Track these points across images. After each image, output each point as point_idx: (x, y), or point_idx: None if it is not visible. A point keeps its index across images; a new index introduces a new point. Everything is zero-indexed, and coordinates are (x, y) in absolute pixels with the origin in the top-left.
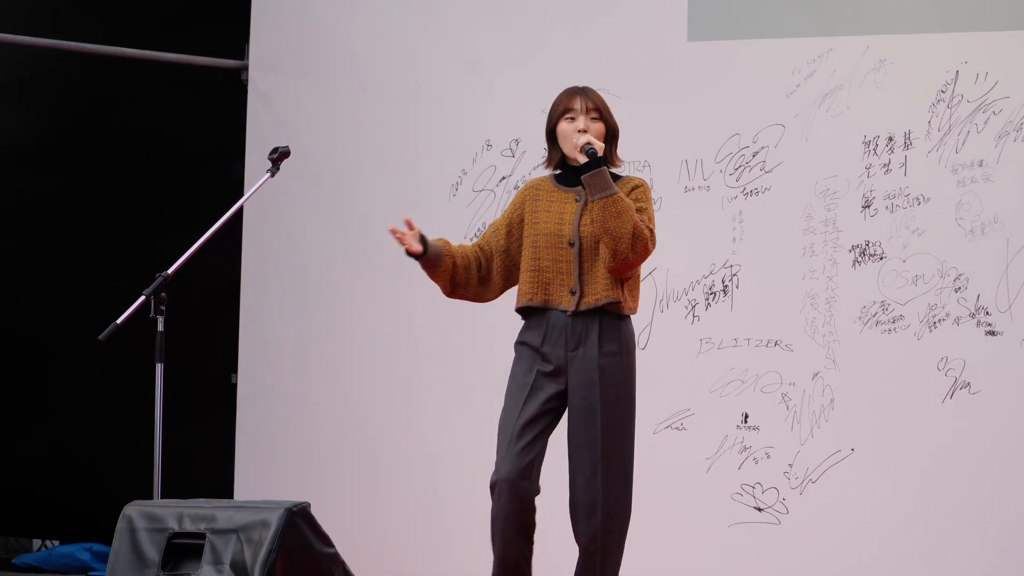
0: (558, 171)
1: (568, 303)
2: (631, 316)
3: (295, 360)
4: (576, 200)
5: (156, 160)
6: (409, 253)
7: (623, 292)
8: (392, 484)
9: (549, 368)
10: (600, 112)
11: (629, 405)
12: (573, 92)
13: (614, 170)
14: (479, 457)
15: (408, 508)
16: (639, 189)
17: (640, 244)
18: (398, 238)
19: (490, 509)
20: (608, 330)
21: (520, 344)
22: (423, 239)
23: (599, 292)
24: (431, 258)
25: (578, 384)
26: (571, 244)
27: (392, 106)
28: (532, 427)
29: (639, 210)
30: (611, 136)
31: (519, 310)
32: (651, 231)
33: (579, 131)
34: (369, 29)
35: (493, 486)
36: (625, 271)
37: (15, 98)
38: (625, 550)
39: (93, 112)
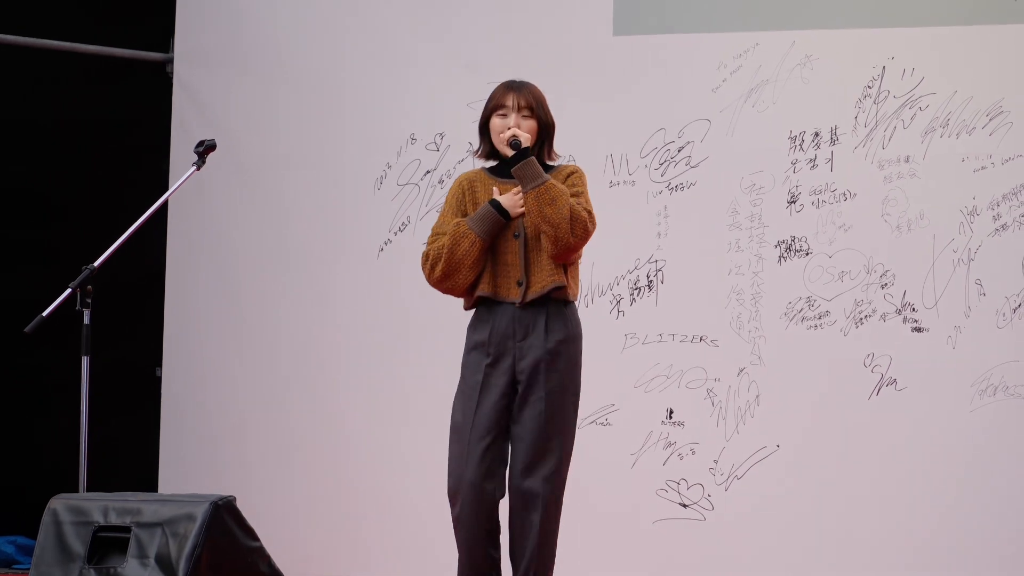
0: (492, 163)
1: (516, 294)
2: (575, 303)
3: (220, 353)
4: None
5: (81, 152)
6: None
7: (567, 278)
8: (317, 478)
9: (495, 360)
10: (532, 109)
11: (573, 393)
12: (508, 88)
13: (549, 163)
14: (404, 450)
15: (333, 502)
16: (574, 175)
17: (579, 227)
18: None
19: (451, 515)
20: (555, 317)
21: (468, 342)
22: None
23: (544, 280)
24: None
25: (526, 374)
26: (516, 236)
27: (317, 99)
28: (491, 427)
29: (576, 194)
30: (544, 131)
31: (474, 300)
32: (589, 212)
33: (508, 128)
34: (295, 22)
35: (453, 493)
36: (568, 255)
37: None
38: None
39: (16, 103)
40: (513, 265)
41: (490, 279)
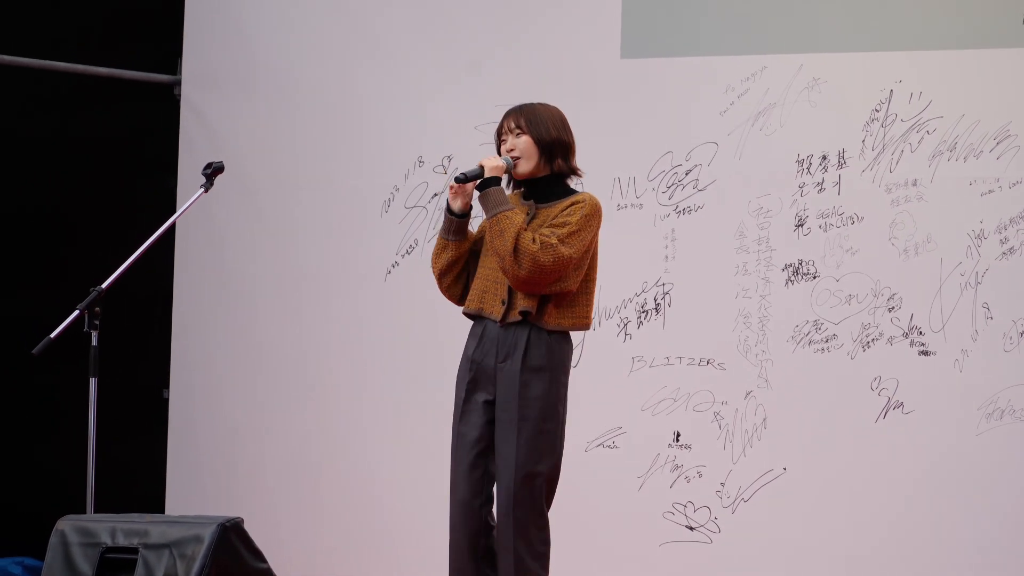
0: (520, 188)
1: (497, 313)
2: (568, 333)
3: (227, 374)
4: (528, 213)
5: (89, 174)
6: (450, 210)
7: (545, 306)
8: (325, 499)
9: (475, 377)
10: (523, 127)
11: (552, 424)
12: (506, 114)
13: (572, 183)
14: (414, 471)
15: (342, 524)
16: (574, 206)
17: (526, 260)
18: (454, 192)
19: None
20: (535, 344)
21: (463, 352)
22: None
23: (520, 303)
24: (464, 224)
25: (502, 397)
26: None
27: (325, 122)
28: (476, 444)
29: (560, 224)
30: (544, 148)
31: (464, 314)
32: (547, 246)
33: (508, 150)
34: (302, 45)
35: (450, 512)
36: (525, 287)
37: None
38: (554, 568)
39: (24, 124)
40: (500, 283)
41: (478, 294)
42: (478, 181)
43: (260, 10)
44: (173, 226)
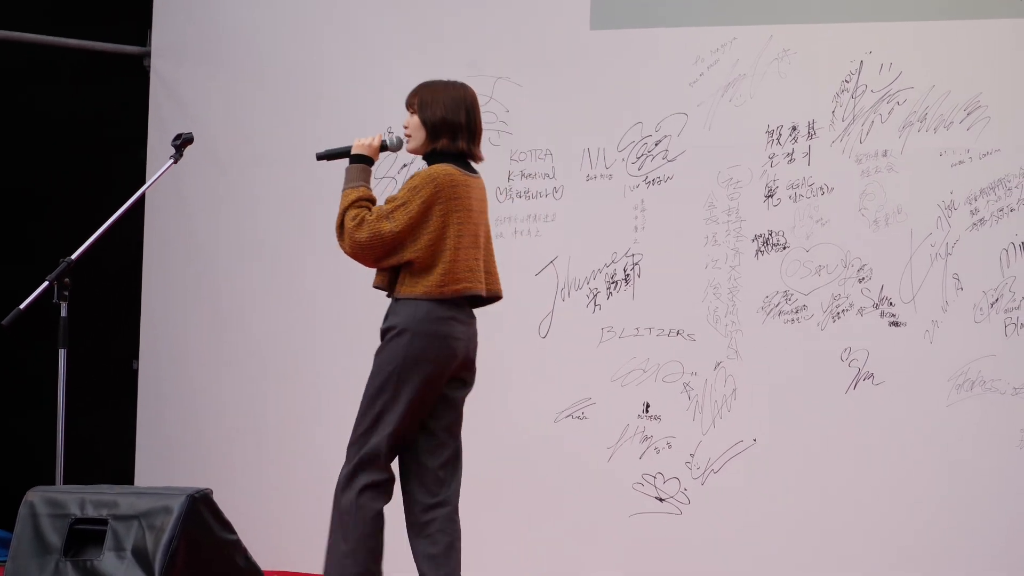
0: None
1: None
2: (413, 299)
3: (197, 346)
4: None
5: (59, 146)
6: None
7: (397, 277)
8: (294, 471)
9: None
10: (415, 107)
11: (384, 379)
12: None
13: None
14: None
15: (310, 495)
16: (409, 179)
17: (346, 236)
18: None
19: None
20: (390, 309)
21: None
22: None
23: (375, 280)
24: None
25: None
26: None
27: (294, 94)
28: None
29: (391, 199)
30: (429, 128)
31: None
32: (364, 222)
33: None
34: (273, 17)
35: None
36: (359, 260)
37: None
38: (518, 537)
39: None
40: None
41: None
42: (348, 157)
43: None
44: (143, 197)
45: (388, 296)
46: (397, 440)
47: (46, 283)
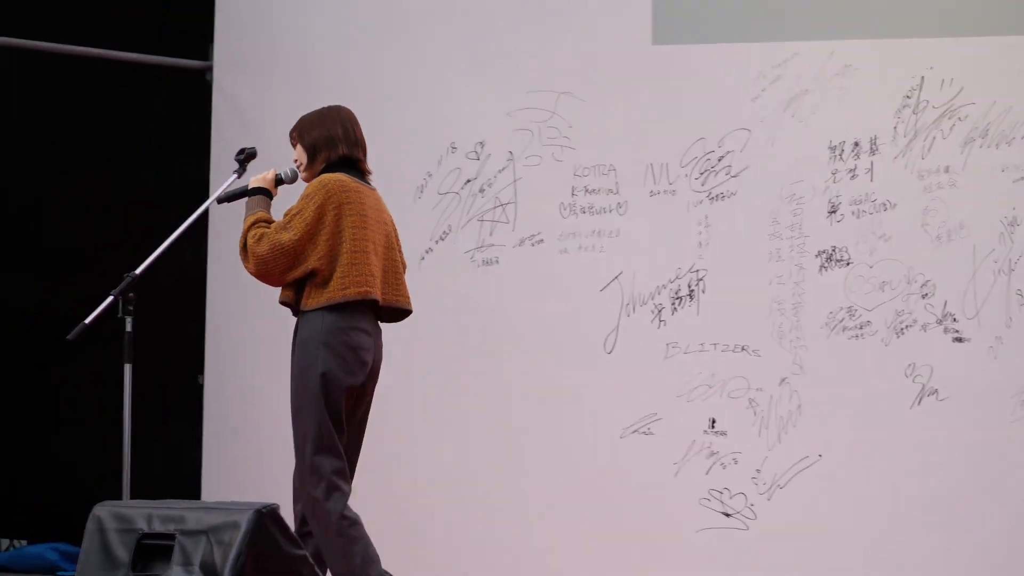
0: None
1: None
2: (318, 311)
3: (262, 360)
4: None
5: (122, 159)
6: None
7: (302, 291)
8: (358, 485)
9: None
10: (295, 138)
11: (302, 389)
12: None
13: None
14: (445, 459)
15: (374, 509)
16: (304, 191)
17: (249, 255)
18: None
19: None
20: (300, 323)
21: None
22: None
23: (281, 296)
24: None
25: None
26: None
27: (357, 108)
28: None
29: (286, 213)
30: (309, 150)
31: None
32: (262, 236)
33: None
34: (334, 30)
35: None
36: (264, 279)
37: None
38: (585, 553)
39: (58, 111)
40: None
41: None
42: (247, 193)
43: None
44: (206, 212)
45: (294, 314)
46: (329, 441)
47: (111, 298)
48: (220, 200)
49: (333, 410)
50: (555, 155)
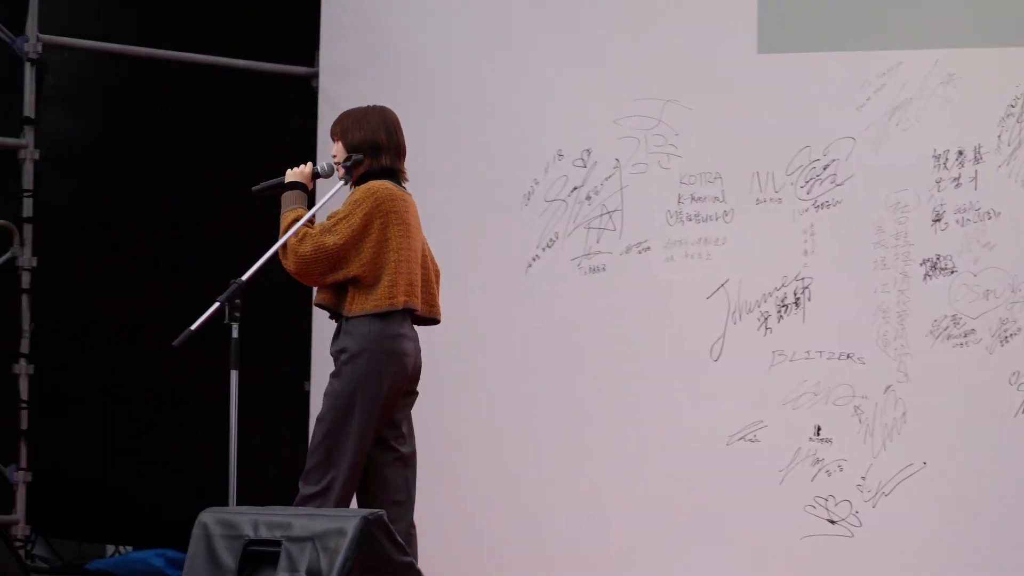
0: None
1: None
2: (364, 317)
3: None
4: None
5: (227, 166)
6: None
7: (344, 295)
8: (465, 493)
9: None
10: (337, 135)
11: (345, 404)
12: None
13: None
14: (550, 466)
15: (483, 516)
16: (349, 197)
17: (289, 253)
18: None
19: None
20: (341, 331)
21: None
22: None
23: (317, 298)
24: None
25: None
26: None
27: (463, 115)
28: None
29: (334, 214)
30: (352, 150)
31: None
32: (307, 236)
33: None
34: (439, 37)
35: None
36: (303, 279)
37: (86, 104)
38: (690, 560)
39: (162, 118)
40: None
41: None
42: (283, 187)
43: (396, 2)
44: (312, 219)
45: (332, 317)
46: (361, 458)
47: (217, 304)
48: (255, 192)
49: (375, 418)
50: (661, 163)
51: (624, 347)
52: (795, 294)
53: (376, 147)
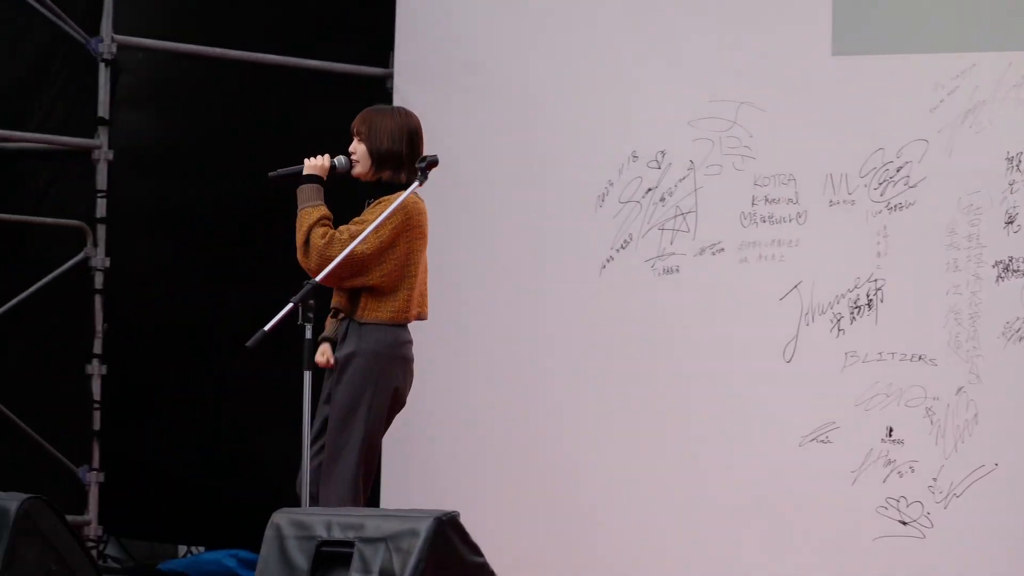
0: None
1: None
2: (378, 324)
3: (441, 369)
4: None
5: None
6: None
7: (358, 301)
8: (540, 494)
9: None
10: (363, 135)
11: (359, 405)
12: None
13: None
14: (626, 467)
15: (557, 518)
16: (380, 204)
17: (314, 254)
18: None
19: None
20: (350, 333)
21: None
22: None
23: (333, 300)
24: None
25: (332, 389)
26: None
27: (536, 116)
28: (319, 433)
29: (361, 221)
30: (376, 158)
31: None
32: (336, 241)
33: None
34: (513, 37)
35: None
36: (326, 280)
37: (159, 105)
38: (762, 560)
39: (238, 117)
40: None
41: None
42: (299, 177)
43: (471, 3)
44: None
45: (342, 318)
46: (373, 456)
47: (290, 305)
48: (272, 178)
49: (387, 423)
50: (735, 164)
51: (696, 348)
52: (868, 296)
53: (399, 161)
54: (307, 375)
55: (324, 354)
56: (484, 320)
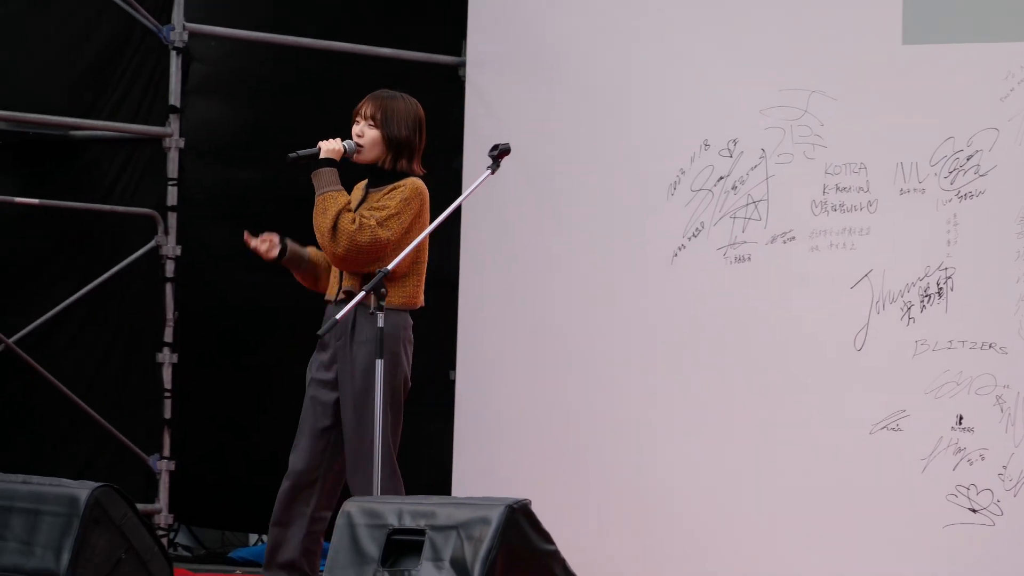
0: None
1: (332, 292)
2: (396, 310)
3: (512, 357)
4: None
5: None
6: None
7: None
8: (611, 482)
9: (330, 357)
10: (376, 120)
11: (389, 388)
12: (366, 97)
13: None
14: (697, 456)
15: (627, 506)
16: (396, 189)
17: (343, 239)
18: (253, 247)
19: None
20: (361, 322)
21: None
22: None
23: (346, 282)
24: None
25: (341, 373)
26: None
27: (608, 104)
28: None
29: (380, 207)
30: (391, 145)
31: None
32: (365, 226)
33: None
34: (585, 26)
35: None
36: (342, 264)
37: (231, 92)
38: (833, 547)
39: (307, 106)
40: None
41: (325, 274)
42: (316, 160)
43: None
44: (459, 208)
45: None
46: (396, 439)
47: (362, 293)
48: (290, 160)
49: (399, 400)
50: (806, 153)
51: (768, 336)
52: (938, 284)
53: (412, 152)
54: (379, 363)
55: (267, 241)
56: (556, 309)
